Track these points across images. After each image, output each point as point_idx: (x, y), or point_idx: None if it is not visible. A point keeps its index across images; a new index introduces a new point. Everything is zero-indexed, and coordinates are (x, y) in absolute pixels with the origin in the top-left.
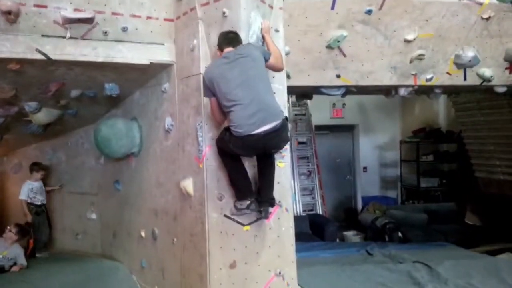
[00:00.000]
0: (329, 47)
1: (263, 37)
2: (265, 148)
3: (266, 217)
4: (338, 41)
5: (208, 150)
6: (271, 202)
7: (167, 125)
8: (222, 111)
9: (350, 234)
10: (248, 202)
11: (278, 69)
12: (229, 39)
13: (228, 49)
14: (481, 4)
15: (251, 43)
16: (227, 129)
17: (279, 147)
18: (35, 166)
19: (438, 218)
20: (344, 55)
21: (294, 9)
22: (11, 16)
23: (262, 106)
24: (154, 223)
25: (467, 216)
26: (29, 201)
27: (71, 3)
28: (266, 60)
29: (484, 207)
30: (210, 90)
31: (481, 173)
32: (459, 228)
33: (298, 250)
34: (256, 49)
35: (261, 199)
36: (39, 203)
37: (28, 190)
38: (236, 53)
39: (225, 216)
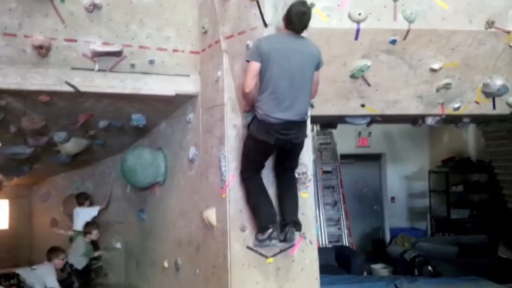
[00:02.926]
0: (353, 76)
1: None
2: (286, 135)
3: (292, 239)
4: (362, 71)
5: (231, 180)
6: (295, 224)
7: (191, 155)
8: (256, 78)
9: (378, 267)
10: (270, 230)
11: (314, 92)
12: (303, 26)
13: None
14: (508, 32)
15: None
16: (253, 118)
17: (298, 138)
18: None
19: (469, 251)
20: (369, 85)
21: (318, 39)
22: (43, 50)
23: (294, 106)
24: (177, 253)
25: (500, 249)
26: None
27: (100, 37)
28: (317, 68)
29: None
30: (259, 56)
31: None
32: (491, 262)
33: (323, 284)
34: (318, 52)
35: (285, 221)
36: None
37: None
38: (303, 41)
39: (248, 247)
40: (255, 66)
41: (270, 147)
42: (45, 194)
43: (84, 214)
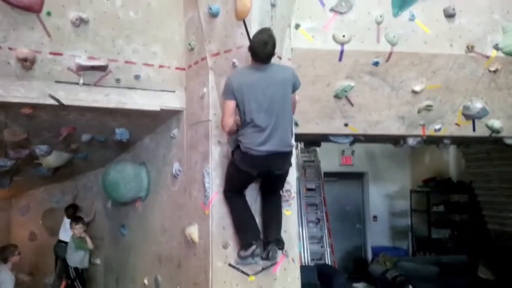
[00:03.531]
0: (336, 96)
1: None
2: (269, 167)
3: (274, 257)
4: (346, 91)
5: (215, 197)
6: (278, 242)
7: (175, 171)
8: (233, 116)
9: (359, 286)
10: (254, 247)
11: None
12: (267, 55)
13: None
14: (488, 57)
15: (287, 66)
16: (236, 147)
17: (282, 168)
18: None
19: (450, 271)
20: (352, 105)
21: (303, 60)
22: (27, 63)
23: (277, 135)
24: (158, 270)
25: (479, 269)
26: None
27: (86, 51)
28: (295, 89)
29: (497, 260)
30: (233, 94)
31: (493, 225)
32: (471, 282)
33: None
34: (291, 74)
35: (267, 239)
36: None
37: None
38: (273, 68)
39: (230, 265)
40: (230, 104)
41: (253, 177)
42: (24, 207)
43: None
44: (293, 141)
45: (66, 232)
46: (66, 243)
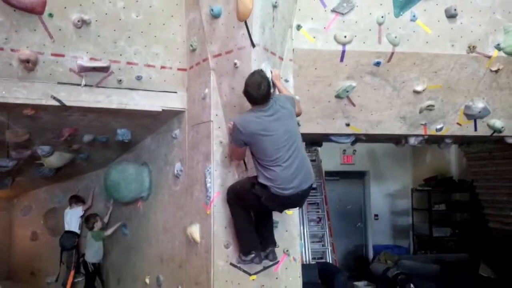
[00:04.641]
0: (338, 97)
1: (273, 84)
2: (296, 205)
3: (275, 258)
4: (347, 91)
5: (217, 197)
6: (275, 243)
7: (177, 171)
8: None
9: (361, 284)
10: (253, 255)
11: (298, 115)
12: (262, 96)
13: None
14: (489, 57)
15: (281, 95)
16: (258, 183)
17: (298, 205)
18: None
19: (451, 269)
20: (353, 105)
21: (304, 61)
22: (29, 64)
23: (302, 167)
24: (160, 270)
25: (481, 268)
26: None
27: (87, 52)
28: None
29: (498, 259)
30: (244, 142)
31: (494, 224)
32: (472, 280)
33: None
34: (288, 100)
35: (265, 241)
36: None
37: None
38: (275, 105)
39: (231, 264)
40: (240, 150)
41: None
42: (26, 208)
43: (71, 215)
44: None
45: (71, 222)
46: (72, 232)
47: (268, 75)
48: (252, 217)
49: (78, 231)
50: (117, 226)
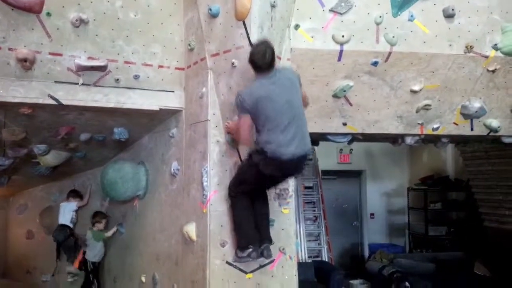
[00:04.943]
0: (335, 96)
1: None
2: (293, 171)
3: (270, 255)
4: (344, 91)
5: (213, 195)
6: (270, 240)
7: (173, 170)
8: (250, 131)
9: (356, 282)
10: (250, 249)
11: (305, 103)
12: (268, 64)
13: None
14: (486, 57)
15: (287, 68)
16: (255, 152)
17: (300, 171)
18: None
19: (446, 268)
20: (350, 104)
21: (302, 60)
22: (27, 63)
23: (299, 134)
24: (156, 268)
25: (476, 266)
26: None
27: (85, 51)
28: (300, 85)
29: (493, 257)
30: (247, 109)
31: (490, 223)
32: (468, 279)
33: None
34: (293, 74)
35: (261, 237)
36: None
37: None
38: (278, 74)
39: (227, 263)
40: (246, 120)
41: (266, 176)
42: (22, 206)
43: (65, 208)
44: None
45: (64, 216)
46: (64, 225)
47: None
48: (252, 209)
49: (70, 225)
50: (115, 229)
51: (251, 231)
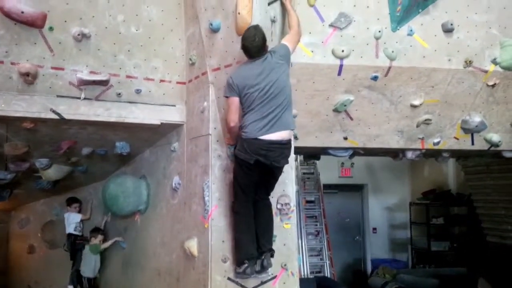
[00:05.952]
0: (336, 110)
1: (282, 4)
2: (266, 157)
3: (270, 265)
4: (345, 105)
5: (215, 210)
6: (271, 251)
7: (175, 184)
8: (237, 112)
9: None
10: (246, 265)
11: (298, 40)
12: (257, 48)
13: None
14: (485, 72)
15: (275, 50)
16: (238, 147)
17: (279, 161)
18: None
19: (449, 284)
20: (351, 119)
21: (302, 74)
22: (29, 77)
23: (279, 120)
24: (157, 284)
25: (479, 282)
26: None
27: (87, 66)
28: (289, 59)
29: (497, 273)
30: (234, 90)
31: (493, 238)
32: None
33: None
34: (282, 57)
35: (261, 249)
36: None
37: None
38: (271, 59)
39: (229, 279)
40: (234, 100)
41: (252, 167)
42: (23, 220)
43: (68, 218)
44: (294, 128)
45: (69, 226)
46: (70, 235)
47: None
48: (253, 225)
49: (75, 233)
50: (113, 240)
51: (249, 246)
